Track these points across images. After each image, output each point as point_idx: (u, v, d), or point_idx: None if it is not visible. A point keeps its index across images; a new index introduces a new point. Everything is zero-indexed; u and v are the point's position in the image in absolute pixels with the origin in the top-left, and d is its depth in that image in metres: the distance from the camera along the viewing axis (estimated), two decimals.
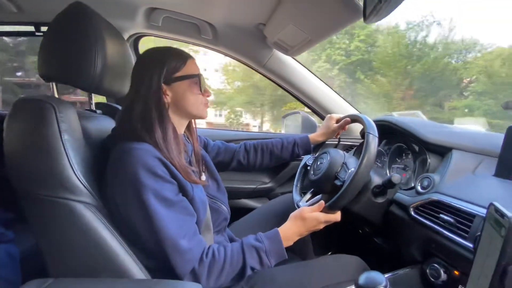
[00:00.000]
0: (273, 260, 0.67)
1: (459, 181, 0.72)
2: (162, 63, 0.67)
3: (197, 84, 0.71)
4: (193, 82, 0.70)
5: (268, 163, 1.04)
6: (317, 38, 0.99)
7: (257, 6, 0.99)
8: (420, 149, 0.90)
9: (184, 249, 0.59)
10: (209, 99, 0.75)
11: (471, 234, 0.60)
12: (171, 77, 0.68)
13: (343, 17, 0.81)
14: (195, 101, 0.71)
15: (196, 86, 0.70)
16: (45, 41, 0.66)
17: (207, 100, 0.74)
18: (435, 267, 0.69)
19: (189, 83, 0.70)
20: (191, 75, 0.70)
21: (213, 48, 1.31)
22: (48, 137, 0.55)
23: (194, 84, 0.70)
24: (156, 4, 1.10)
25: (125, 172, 0.58)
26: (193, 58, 0.72)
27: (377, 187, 0.81)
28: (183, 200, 0.63)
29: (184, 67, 0.69)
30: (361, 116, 0.85)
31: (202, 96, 0.72)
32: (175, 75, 0.68)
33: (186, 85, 0.69)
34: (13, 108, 0.57)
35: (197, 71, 0.71)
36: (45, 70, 0.66)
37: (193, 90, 0.70)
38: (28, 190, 0.57)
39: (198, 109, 0.72)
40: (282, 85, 1.33)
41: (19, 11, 1.14)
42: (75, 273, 0.59)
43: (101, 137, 0.71)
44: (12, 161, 0.57)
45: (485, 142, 0.81)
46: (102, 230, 0.58)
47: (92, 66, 0.64)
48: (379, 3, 0.52)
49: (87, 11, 0.65)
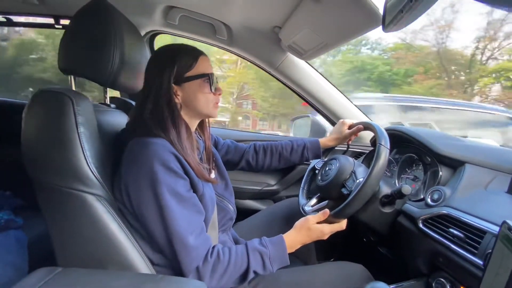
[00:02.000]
0: (276, 266, 0.67)
1: (471, 196, 0.71)
2: (173, 62, 0.67)
3: (208, 83, 0.70)
4: (204, 81, 0.69)
5: (276, 165, 1.04)
6: (333, 43, 0.98)
7: (274, 9, 0.99)
8: (431, 160, 0.89)
9: (191, 245, 0.60)
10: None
11: (480, 250, 0.59)
12: (182, 77, 0.67)
13: (361, 24, 0.80)
14: (205, 100, 0.70)
15: (207, 85, 0.70)
16: (66, 35, 0.67)
17: (218, 99, 0.73)
18: (441, 282, 0.68)
19: (200, 82, 0.69)
20: (201, 74, 0.69)
21: (227, 49, 1.31)
22: (65, 129, 0.57)
23: (205, 83, 0.69)
24: (174, 3, 1.11)
25: (140, 164, 0.59)
26: (205, 55, 0.71)
27: (385, 196, 0.80)
28: (194, 197, 0.64)
29: (195, 65, 0.68)
30: (374, 125, 0.85)
31: (214, 95, 0.71)
32: (185, 75, 0.68)
33: (197, 84, 0.69)
34: (32, 99, 0.59)
35: (209, 70, 0.70)
36: (64, 63, 0.68)
37: (203, 90, 0.69)
38: (42, 180, 0.58)
39: (208, 109, 0.72)
40: (293, 89, 1.33)
41: (40, 3, 1.17)
42: (83, 263, 0.60)
43: (114, 131, 0.72)
44: (29, 150, 0.58)
45: (499, 157, 0.80)
46: (111, 222, 0.59)
47: (110, 61, 0.65)
48: (400, 13, 0.52)
49: (108, 8, 0.66)
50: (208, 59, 0.72)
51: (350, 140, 1.04)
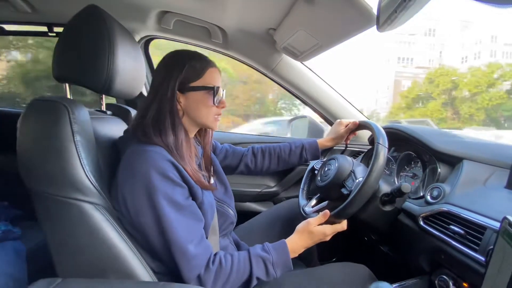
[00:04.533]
0: (279, 271, 0.67)
1: (470, 192, 0.71)
2: (181, 69, 0.66)
3: (212, 96, 0.69)
4: (208, 93, 0.68)
5: (275, 167, 1.03)
6: (328, 45, 0.99)
7: (268, 11, 0.99)
8: (430, 158, 0.89)
9: (191, 254, 0.59)
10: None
11: (482, 246, 0.59)
12: (187, 86, 0.67)
13: (356, 25, 0.80)
14: (206, 112, 0.69)
15: (210, 98, 0.68)
16: (60, 42, 0.67)
17: (220, 112, 0.72)
18: (444, 279, 0.68)
19: (204, 94, 0.68)
20: (207, 86, 0.68)
21: (223, 52, 1.32)
22: (61, 138, 0.56)
23: (209, 95, 0.68)
24: (168, 8, 1.11)
25: (137, 173, 0.58)
26: (215, 67, 0.70)
27: (385, 195, 0.80)
28: (193, 205, 0.63)
29: (202, 76, 0.68)
30: (372, 124, 0.85)
31: (216, 108, 0.71)
32: (191, 84, 0.67)
33: (201, 95, 0.68)
34: (27, 109, 0.58)
35: (215, 83, 0.69)
36: (59, 71, 0.67)
37: (207, 102, 0.68)
38: (39, 189, 0.57)
39: (208, 120, 0.71)
40: (290, 90, 1.33)
41: (33, 12, 1.16)
42: (83, 273, 0.59)
43: (111, 138, 0.71)
44: (25, 160, 0.58)
45: (497, 153, 0.80)
46: (110, 231, 0.59)
47: (105, 68, 0.65)
48: (394, 13, 0.52)
49: (102, 14, 0.66)
50: (217, 71, 0.71)
51: (348, 140, 1.04)
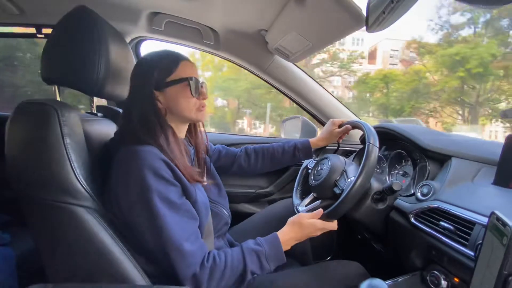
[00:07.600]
0: (273, 264, 0.67)
1: (458, 189, 0.73)
2: (153, 68, 0.67)
3: (188, 87, 0.68)
4: (184, 86, 0.68)
5: (269, 168, 1.04)
6: (319, 45, 1.00)
7: (259, 12, 1.00)
8: (420, 156, 0.91)
9: (187, 251, 0.59)
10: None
11: (471, 241, 0.60)
12: (163, 83, 0.67)
13: (346, 25, 0.81)
14: (187, 105, 0.69)
15: (187, 89, 0.68)
16: (49, 44, 0.66)
17: (203, 103, 0.72)
18: (436, 274, 0.69)
19: (181, 87, 0.68)
20: (181, 78, 0.68)
21: (215, 53, 1.31)
22: (51, 141, 0.55)
23: (186, 87, 0.68)
24: (159, 9, 1.10)
25: (130, 173, 0.58)
26: (187, 60, 0.70)
27: (377, 193, 0.81)
28: (187, 203, 0.63)
29: (176, 70, 0.68)
30: (362, 124, 0.86)
31: (196, 99, 0.70)
32: (166, 80, 0.67)
33: (177, 89, 0.68)
34: (16, 111, 0.57)
35: (189, 74, 0.69)
36: (48, 73, 0.66)
37: (185, 94, 0.68)
38: (28, 194, 0.56)
39: (191, 113, 0.70)
40: (282, 90, 1.34)
41: (20, 13, 1.14)
42: (75, 278, 0.59)
43: (102, 140, 0.70)
44: (14, 164, 0.57)
45: (484, 150, 0.82)
46: (103, 234, 0.58)
47: (95, 69, 0.64)
48: (382, 14, 0.53)
49: (91, 15, 0.65)
50: (191, 64, 0.71)
51: (340, 139, 1.05)
